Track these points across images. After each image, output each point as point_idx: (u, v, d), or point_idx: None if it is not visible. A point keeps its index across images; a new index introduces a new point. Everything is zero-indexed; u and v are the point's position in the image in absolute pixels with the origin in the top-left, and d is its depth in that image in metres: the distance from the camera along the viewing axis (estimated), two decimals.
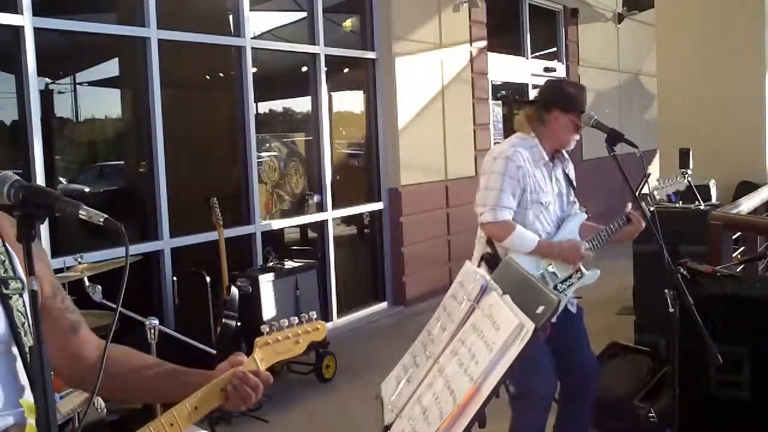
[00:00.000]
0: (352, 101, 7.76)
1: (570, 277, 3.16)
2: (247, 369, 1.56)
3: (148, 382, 1.58)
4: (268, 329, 1.64)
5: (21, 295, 1.39)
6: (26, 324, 1.38)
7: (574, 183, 3.36)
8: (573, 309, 3.25)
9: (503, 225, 3.08)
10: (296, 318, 1.69)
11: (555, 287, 3.12)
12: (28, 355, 1.35)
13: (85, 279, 3.50)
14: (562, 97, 3.17)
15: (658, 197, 3.28)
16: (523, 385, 3.05)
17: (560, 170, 3.29)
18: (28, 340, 1.36)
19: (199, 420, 1.53)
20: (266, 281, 4.99)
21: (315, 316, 1.72)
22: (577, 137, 3.22)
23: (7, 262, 1.41)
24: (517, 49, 9.64)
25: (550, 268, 3.13)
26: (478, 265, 3.14)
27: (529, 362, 2.94)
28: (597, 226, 3.30)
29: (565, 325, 3.03)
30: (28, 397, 1.37)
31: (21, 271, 1.43)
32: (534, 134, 3.20)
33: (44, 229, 4.31)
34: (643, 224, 3.17)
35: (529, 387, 3.04)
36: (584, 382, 3.29)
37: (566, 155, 3.33)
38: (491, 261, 3.09)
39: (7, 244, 1.43)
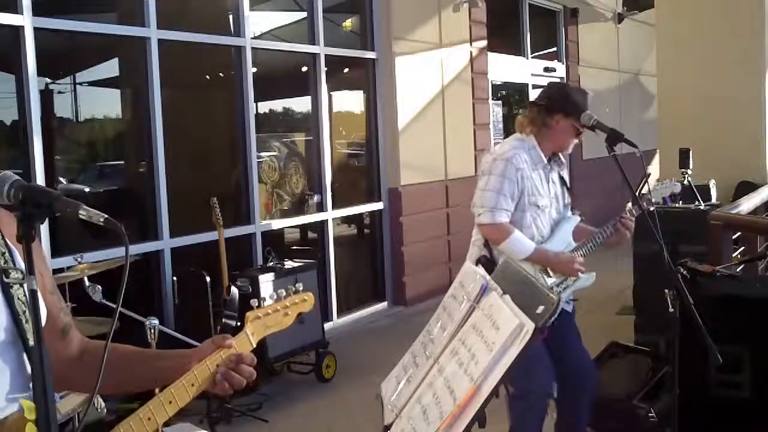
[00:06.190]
0: (352, 101, 7.75)
1: (565, 279, 3.20)
2: (236, 351, 1.55)
3: (126, 373, 1.57)
4: (257, 303, 1.64)
5: (22, 285, 1.40)
6: (27, 313, 1.38)
7: (569, 185, 3.39)
8: (569, 308, 3.28)
9: (501, 228, 3.10)
10: (283, 291, 1.69)
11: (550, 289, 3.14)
12: (30, 345, 1.35)
13: (85, 279, 3.50)
14: (565, 102, 3.19)
15: (654, 200, 3.30)
16: (522, 385, 3.06)
17: (556, 173, 3.33)
18: (29, 329, 1.36)
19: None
20: (266, 281, 4.98)
21: (302, 288, 1.72)
22: (576, 141, 3.28)
23: (7, 254, 1.41)
24: (517, 49, 9.64)
25: (546, 271, 3.16)
26: None
27: (528, 362, 2.95)
28: (590, 229, 3.33)
29: (560, 325, 3.03)
30: (28, 395, 1.37)
31: (21, 263, 1.43)
32: (533, 136, 3.22)
33: (44, 229, 4.30)
34: (628, 236, 3.24)
35: (528, 386, 3.05)
36: (581, 381, 3.30)
37: (562, 158, 3.36)
38: (487, 264, 3.09)
39: (6, 239, 1.43)
